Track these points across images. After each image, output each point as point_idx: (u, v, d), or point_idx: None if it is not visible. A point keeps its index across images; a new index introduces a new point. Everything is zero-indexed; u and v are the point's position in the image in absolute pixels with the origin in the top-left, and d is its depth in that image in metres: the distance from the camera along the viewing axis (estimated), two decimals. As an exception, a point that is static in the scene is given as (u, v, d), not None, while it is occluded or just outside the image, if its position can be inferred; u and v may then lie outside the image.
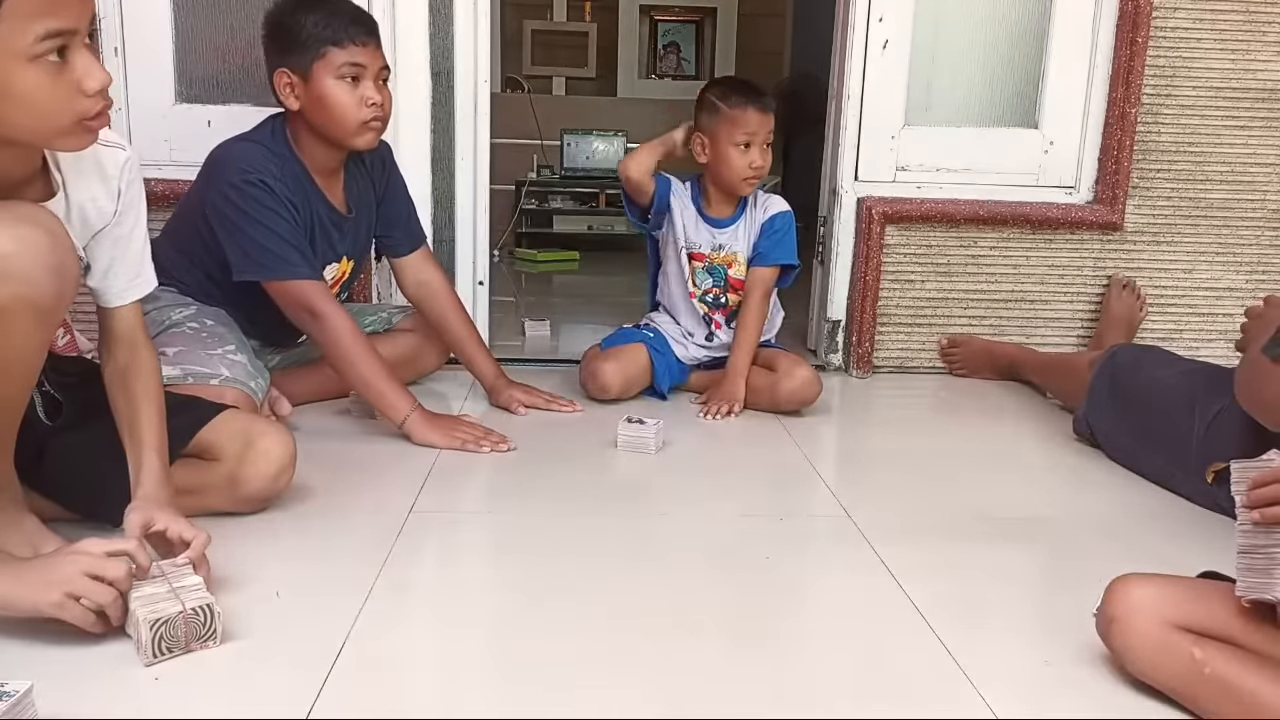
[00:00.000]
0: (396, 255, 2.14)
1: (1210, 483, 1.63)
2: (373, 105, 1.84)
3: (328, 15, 1.81)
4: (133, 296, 1.38)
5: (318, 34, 1.79)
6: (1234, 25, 2.47)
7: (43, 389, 1.31)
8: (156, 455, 1.30)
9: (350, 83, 1.81)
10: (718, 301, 2.29)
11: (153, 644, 1.08)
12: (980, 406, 2.36)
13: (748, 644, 1.21)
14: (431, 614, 1.26)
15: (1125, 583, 1.10)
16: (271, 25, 1.85)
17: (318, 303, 1.82)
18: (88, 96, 1.09)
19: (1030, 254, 2.57)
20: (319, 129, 1.86)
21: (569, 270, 4.44)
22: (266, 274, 1.81)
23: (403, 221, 2.13)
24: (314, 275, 1.84)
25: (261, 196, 1.79)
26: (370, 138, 1.88)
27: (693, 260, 2.28)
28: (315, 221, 1.90)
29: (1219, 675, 1.03)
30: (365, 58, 1.83)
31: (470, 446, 1.85)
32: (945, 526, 1.61)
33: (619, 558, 1.45)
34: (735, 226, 2.27)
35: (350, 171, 1.98)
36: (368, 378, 1.85)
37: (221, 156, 1.85)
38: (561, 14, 5.79)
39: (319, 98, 1.81)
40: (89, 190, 1.26)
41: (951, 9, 2.52)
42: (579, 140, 5.09)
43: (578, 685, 1.10)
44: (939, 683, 1.13)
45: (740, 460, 1.92)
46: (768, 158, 2.20)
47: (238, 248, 1.81)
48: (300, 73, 1.81)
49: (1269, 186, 2.57)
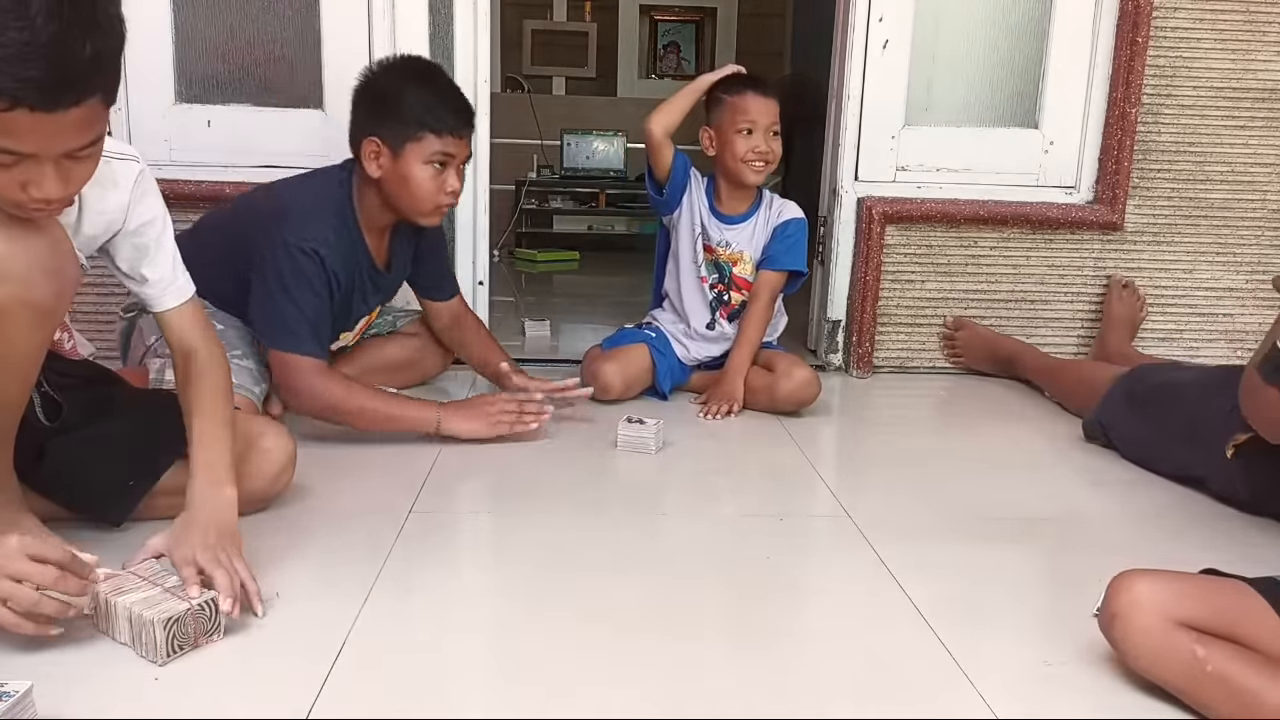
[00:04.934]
0: (431, 299, 2.17)
1: (1230, 457, 1.63)
2: (451, 193, 1.84)
3: (434, 99, 1.80)
4: (171, 302, 1.36)
5: (420, 116, 1.78)
6: (1234, 25, 2.47)
7: (41, 390, 1.31)
8: (202, 471, 1.28)
9: (437, 168, 1.81)
10: (720, 298, 2.29)
11: (167, 643, 1.08)
12: (980, 406, 2.36)
13: (748, 644, 1.21)
14: (431, 614, 1.26)
15: (1127, 578, 1.10)
16: (371, 89, 1.83)
17: (307, 379, 1.78)
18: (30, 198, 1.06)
19: (1030, 254, 2.57)
20: (390, 200, 1.86)
21: (569, 270, 4.44)
22: (275, 343, 1.80)
23: (441, 277, 2.17)
24: (319, 354, 1.81)
25: (308, 267, 1.77)
26: (438, 219, 1.91)
27: (708, 251, 2.29)
28: (356, 281, 1.90)
29: (1221, 673, 1.02)
30: (457, 148, 1.83)
31: (518, 428, 1.88)
32: (945, 526, 1.61)
33: (619, 558, 1.45)
34: (745, 225, 2.26)
35: (397, 230, 1.97)
36: (382, 413, 1.84)
37: (289, 208, 1.82)
38: (561, 14, 5.79)
39: (403, 177, 1.81)
40: (99, 200, 1.26)
41: (951, 9, 2.52)
42: (579, 140, 5.09)
43: (578, 685, 1.10)
44: (939, 683, 1.13)
45: (740, 460, 1.92)
46: (774, 145, 2.19)
47: (263, 307, 1.80)
48: (390, 147, 1.80)
49: (1269, 186, 2.57)
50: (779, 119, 2.20)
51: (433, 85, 1.83)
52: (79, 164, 1.07)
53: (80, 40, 0.98)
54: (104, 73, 1.03)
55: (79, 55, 0.98)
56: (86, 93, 1.01)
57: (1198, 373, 1.91)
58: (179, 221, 1.50)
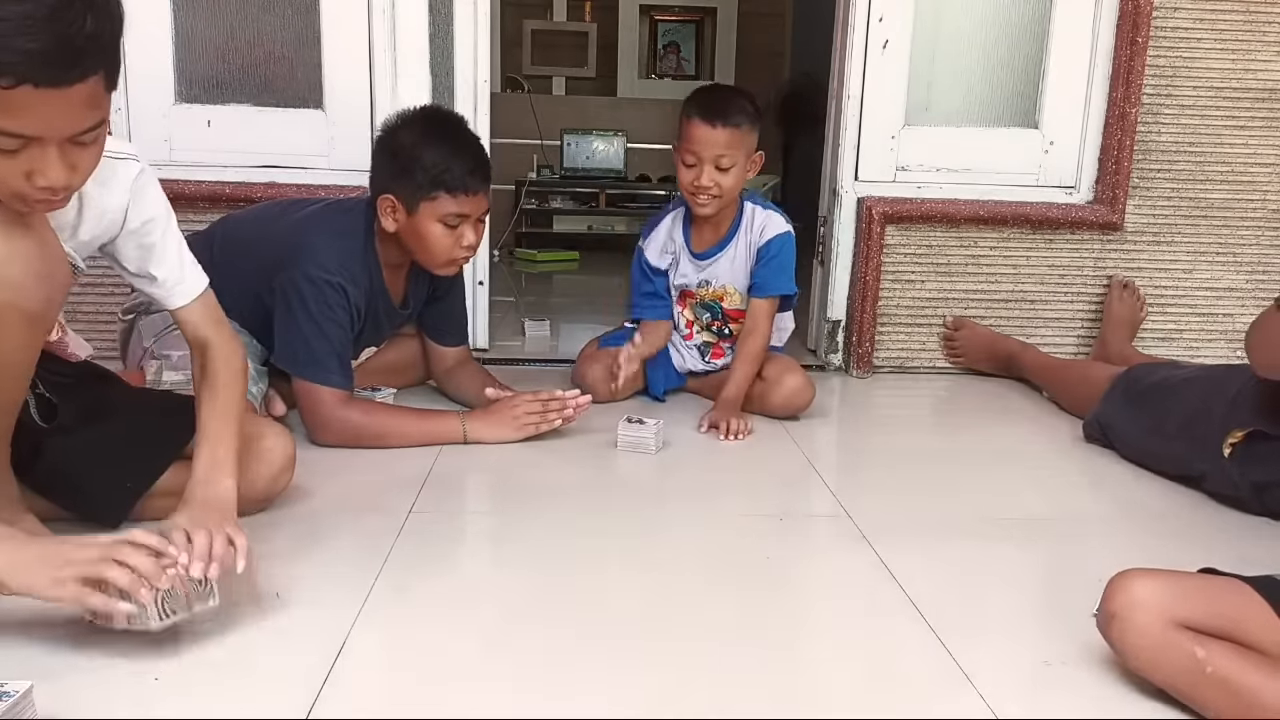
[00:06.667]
0: (437, 343, 2.15)
1: (1228, 456, 1.64)
2: (467, 248, 1.84)
3: (449, 158, 1.78)
4: (182, 300, 1.36)
5: (435, 176, 1.77)
6: (1234, 25, 2.47)
7: (36, 391, 1.31)
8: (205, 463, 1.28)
9: (452, 226, 1.81)
10: (721, 332, 2.25)
11: (158, 606, 1.07)
12: (981, 406, 2.36)
13: (747, 644, 1.21)
14: (431, 614, 1.26)
15: (1126, 578, 1.10)
16: (389, 145, 1.82)
17: (335, 412, 1.80)
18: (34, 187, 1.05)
19: (1030, 254, 2.57)
20: (406, 249, 1.86)
21: (569, 270, 4.45)
22: (301, 372, 1.80)
23: (454, 322, 2.15)
24: (344, 385, 1.82)
25: (332, 298, 1.78)
26: (453, 271, 1.92)
27: (685, 297, 2.25)
28: (372, 315, 1.91)
29: (1221, 673, 1.02)
30: (473, 207, 1.82)
31: (544, 427, 1.89)
32: (945, 526, 1.61)
33: (619, 558, 1.45)
34: (722, 256, 2.18)
35: (414, 267, 1.96)
36: (411, 433, 1.85)
37: (315, 243, 1.81)
38: (561, 14, 5.79)
39: (418, 233, 1.81)
40: (100, 199, 1.26)
41: (951, 9, 2.52)
42: (579, 140, 5.09)
43: (577, 685, 1.10)
44: (939, 683, 1.13)
45: (740, 460, 1.92)
46: (721, 179, 2.04)
47: (287, 337, 1.80)
48: (406, 204, 1.79)
49: (1269, 186, 2.57)
50: (737, 147, 2.03)
51: (449, 144, 1.80)
52: (83, 150, 1.07)
53: (81, 14, 0.98)
54: (105, 51, 1.02)
55: (81, 28, 0.98)
56: (90, 68, 1.00)
57: (1194, 371, 1.92)
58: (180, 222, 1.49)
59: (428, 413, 1.92)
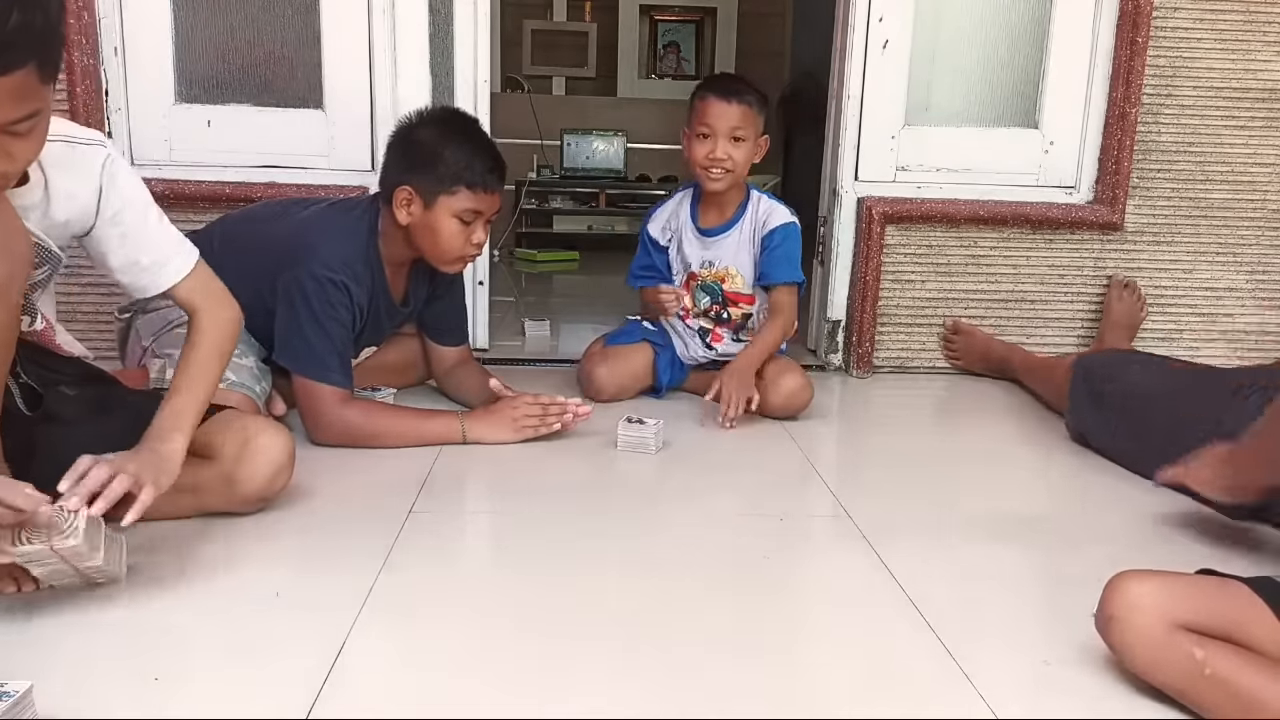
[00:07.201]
0: (437, 343, 2.15)
1: None
2: (477, 245, 1.87)
3: (471, 155, 1.81)
4: (172, 279, 1.38)
5: (456, 172, 1.80)
6: (1234, 25, 2.47)
7: (20, 380, 1.30)
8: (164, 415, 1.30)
9: (466, 222, 1.83)
10: (719, 317, 2.26)
11: (13, 533, 1.07)
12: (981, 406, 2.36)
13: (747, 644, 1.21)
14: (431, 614, 1.26)
15: (1124, 579, 1.10)
16: (408, 139, 1.84)
17: (334, 410, 1.81)
18: None
19: (1030, 254, 2.57)
20: (415, 245, 1.87)
21: (569, 270, 4.45)
22: (302, 369, 1.81)
23: (454, 322, 2.15)
24: (344, 384, 1.83)
25: (335, 297, 1.80)
26: (459, 268, 1.94)
27: (690, 281, 2.26)
28: (373, 313, 1.92)
29: (1220, 675, 1.02)
30: (488, 205, 1.85)
31: (543, 430, 1.89)
32: (945, 526, 1.61)
33: (619, 558, 1.45)
34: (727, 237, 2.22)
35: (416, 266, 1.97)
36: (409, 432, 1.86)
37: (319, 243, 1.83)
38: (561, 14, 5.79)
39: (432, 228, 1.82)
40: (67, 184, 1.26)
41: (951, 9, 2.52)
42: (579, 140, 5.09)
43: (577, 685, 1.10)
44: (939, 683, 1.13)
45: (740, 460, 1.92)
46: (734, 151, 2.11)
47: (288, 335, 1.81)
48: (423, 198, 1.81)
49: (1269, 186, 2.57)
50: (749, 124, 2.12)
51: (471, 142, 1.84)
52: (18, 140, 1.07)
53: (7, 8, 0.98)
54: (34, 44, 1.02)
55: (5, 22, 0.98)
56: (17, 61, 1.00)
57: (1159, 378, 1.87)
58: (180, 223, 1.49)
59: (427, 413, 1.93)
